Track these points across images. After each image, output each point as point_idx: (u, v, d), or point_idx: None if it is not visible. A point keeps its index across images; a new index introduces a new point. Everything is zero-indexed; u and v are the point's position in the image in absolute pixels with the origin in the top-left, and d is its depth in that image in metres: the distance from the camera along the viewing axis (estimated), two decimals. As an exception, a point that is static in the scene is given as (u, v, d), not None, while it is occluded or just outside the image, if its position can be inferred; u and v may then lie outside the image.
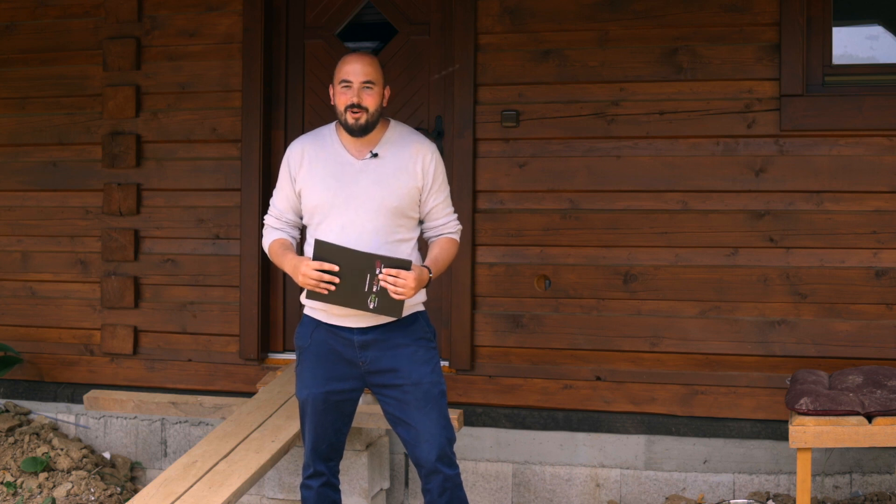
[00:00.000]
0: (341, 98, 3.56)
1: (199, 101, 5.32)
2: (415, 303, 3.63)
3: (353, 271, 3.43)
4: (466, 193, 4.97)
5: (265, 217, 3.79)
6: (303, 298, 3.67)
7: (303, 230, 3.79)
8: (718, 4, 4.74)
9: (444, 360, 5.07)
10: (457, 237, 3.77)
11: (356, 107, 3.53)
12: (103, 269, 5.45)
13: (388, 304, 3.45)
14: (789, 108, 4.65)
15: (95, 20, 5.45)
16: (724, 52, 4.73)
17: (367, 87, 3.54)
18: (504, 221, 4.97)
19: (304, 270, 3.43)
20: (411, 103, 5.22)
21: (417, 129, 5.14)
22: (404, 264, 3.44)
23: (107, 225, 5.44)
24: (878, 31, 4.88)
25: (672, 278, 4.81)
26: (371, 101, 3.55)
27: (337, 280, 3.42)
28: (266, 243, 3.74)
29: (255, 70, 5.22)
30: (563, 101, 4.90)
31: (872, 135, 4.62)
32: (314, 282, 3.42)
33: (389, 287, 3.42)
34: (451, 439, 3.63)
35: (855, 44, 4.83)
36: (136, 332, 5.42)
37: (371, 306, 3.46)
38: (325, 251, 3.44)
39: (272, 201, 3.77)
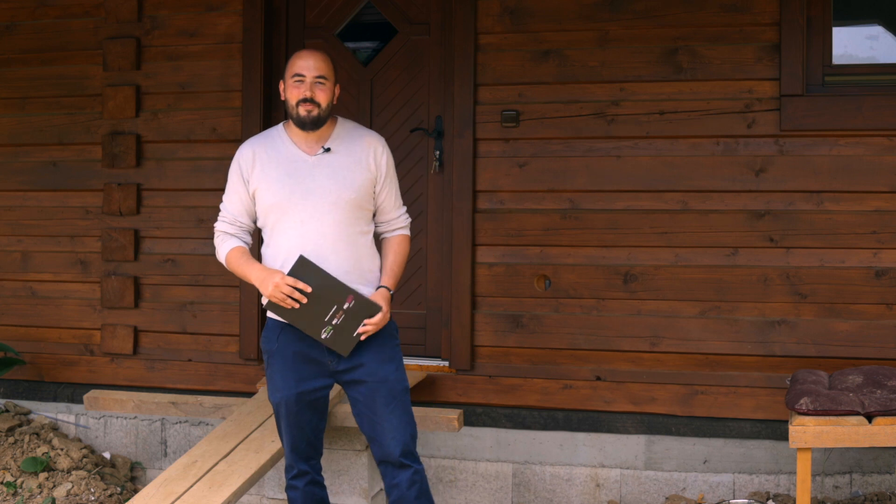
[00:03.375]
0: (293, 92, 3.60)
1: (199, 101, 5.32)
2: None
3: (323, 297, 3.46)
4: (466, 193, 4.97)
5: (216, 224, 3.77)
6: (265, 302, 3.68)
7: (257, 234, 3.79)
8: (718, 4, 4.74)
9: (444, 360, 5.08)
10: (408, 231, 3.82)
11: (308, 101, 3.57)
12: (103, 269, 5.45)
13: (340, 340, 3.52)
14: (789, 108, 4.65)
15: (95, 20, 5.45)
16: (724, 52, 4.73)
17: (320, 83, 3.59)
18: (504, 221, 4.96)
19: (278, 282, 3.47)
20: (411, 103, 5.22)
21: (417, 129, 5.15)
22: (375, 309, 3.52)
23: (107, 225, 5.43)
24: (878, 31, 4.88)
25: (672, 278, 4.81)
26: (323, 95, 3.59)
27: (305, 300, 3.47)
28: (223, 252, 3.72)
29: (255, 70, 5.22)
30: (563, 101, 4.89)
31: (872, 135, 4.62)
32: (282, 296, 3.47)
33: (370, 331, 3.52)
34: (414, 435, 3.67)
35: (855, 44, 4.83)
36: (136, 332, 5.42)
37: (323, 336, 3.51)
38: (305, 268, 3.46)
39: (223, 206, 3.76)
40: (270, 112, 5.30)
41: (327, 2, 5.34)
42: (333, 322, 3.48)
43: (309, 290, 3.45)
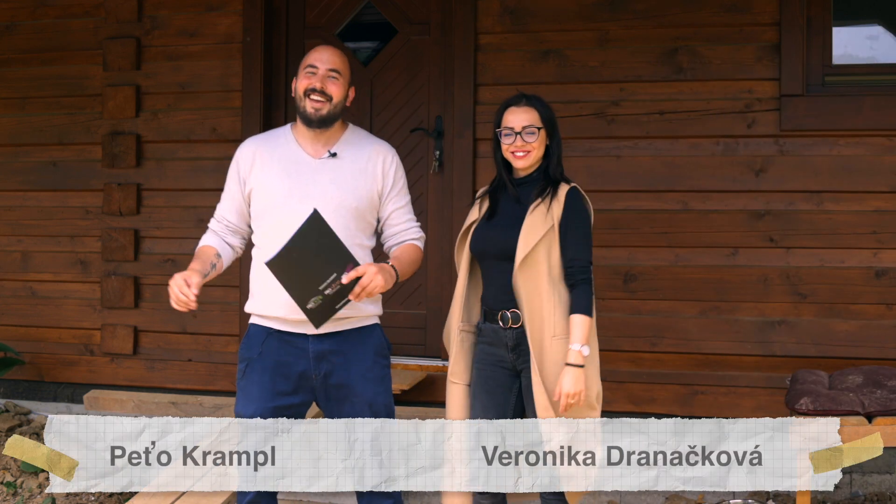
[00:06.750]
0: (303, 82, 3.32)
1: (199, 101, 5.32)
2: (372, 314, 3.45)
3: (327, 262, 3.16)
4: (466, 193, 4.96)
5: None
6: (247, 307, 3.51)
7: (246, 238, 3.61)
8: (718, 4, 4.74)
9: (445, 360, 5.06)
10: (420, 244, 3.50)
11: (318, 93, 3.31)
12: (103, 269, 5.45)
13: (321, 312, 3.22)
14: (789, 108, 4.65)
15: (95, 20, 5.45)
16: (724, 52, 4.73)
17: (333, 77, 3.33)
18: (504, 221, 4.96)
19: (174, 276, 3.27)
20: (411, 103, 5.22)
21: (417, 129, 5.15)
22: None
23: (107, 225, 5.44)
24: (878, 31, 4.88)
25: (672, 278, 4.80)
26: (336, 90, 3.32)
27: (193, 305, 3.28)
28: (198, 246, 3.52)
29: (255, 70, 5.22)
30: (563, 101, 4.88)
31: (872, 135, 4.62)
32: (174, 291, 3.28)
33: (359, 294, 3.18)
34: None
35: (855, 44, 4.83)
36: (136, 332, 5.42)
37: (310, 305, 3.20)
38: (317, 224, 3.13)
39: (217, 205, 3.54)
40: (270, 112, 5.31)
41: (327, 2, 5.35)
42: (326, 292, 3.18)
43: (307, 253, 3.13)
